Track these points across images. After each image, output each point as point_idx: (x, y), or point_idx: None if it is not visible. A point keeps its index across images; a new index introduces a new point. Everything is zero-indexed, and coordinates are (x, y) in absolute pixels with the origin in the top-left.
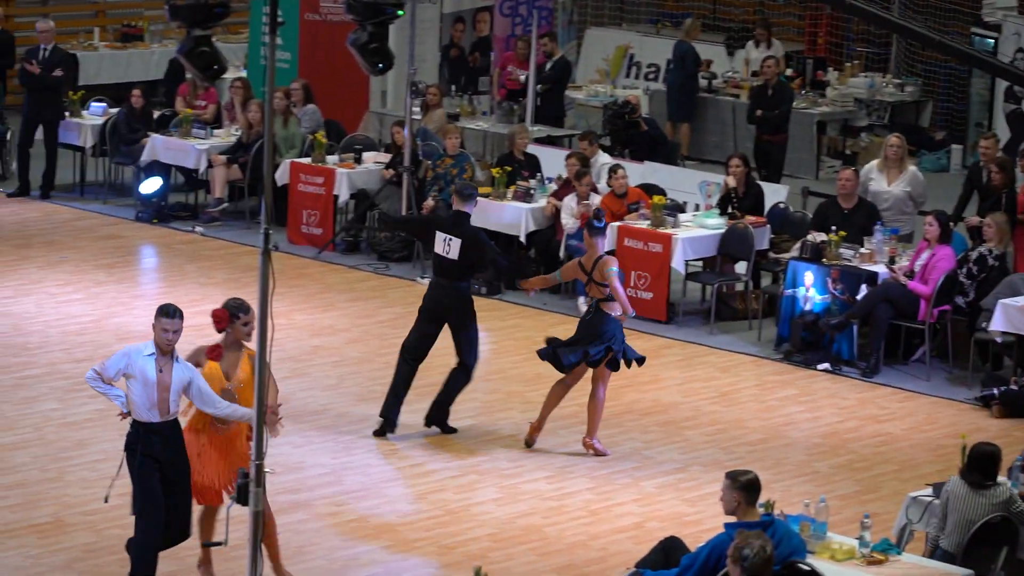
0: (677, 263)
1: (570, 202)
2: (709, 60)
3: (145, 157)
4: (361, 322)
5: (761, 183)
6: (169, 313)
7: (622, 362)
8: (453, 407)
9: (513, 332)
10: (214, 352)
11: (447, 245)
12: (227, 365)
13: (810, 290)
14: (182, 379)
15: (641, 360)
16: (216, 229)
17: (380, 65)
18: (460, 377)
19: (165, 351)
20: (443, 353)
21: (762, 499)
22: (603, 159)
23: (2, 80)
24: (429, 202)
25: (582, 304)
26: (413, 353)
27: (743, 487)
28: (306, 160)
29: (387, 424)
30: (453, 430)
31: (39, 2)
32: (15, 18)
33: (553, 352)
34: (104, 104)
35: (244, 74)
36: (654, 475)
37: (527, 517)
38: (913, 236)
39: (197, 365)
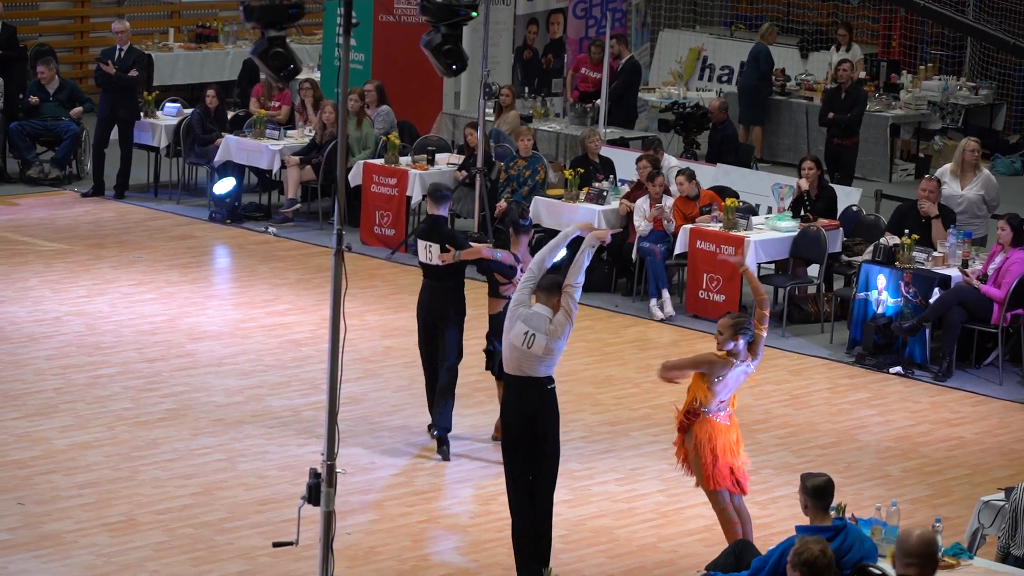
0: (749, 266)
1: (643, 204)
2: (781, 68)
3: (219, 158)
4: None
5: (834, 186)
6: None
7: None
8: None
9: (585, 334)
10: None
11: (428, 251)
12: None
13: (883, 293)
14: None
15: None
16: (289, 230)
17: (454, 66)
18: (443, 377)
19: None
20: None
21: (833, 502)
22: (671, 162)
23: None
24: (502, 204)
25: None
26: (426, 359)
27: (811, 491)
28: (379, 161)
29: (436, 431)
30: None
31: (115, 3)
32: (91, 18)
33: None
34: (178, 105)
35: (316, 76)
36: None
37: (597, 519)
38: (986, 240)
39: None
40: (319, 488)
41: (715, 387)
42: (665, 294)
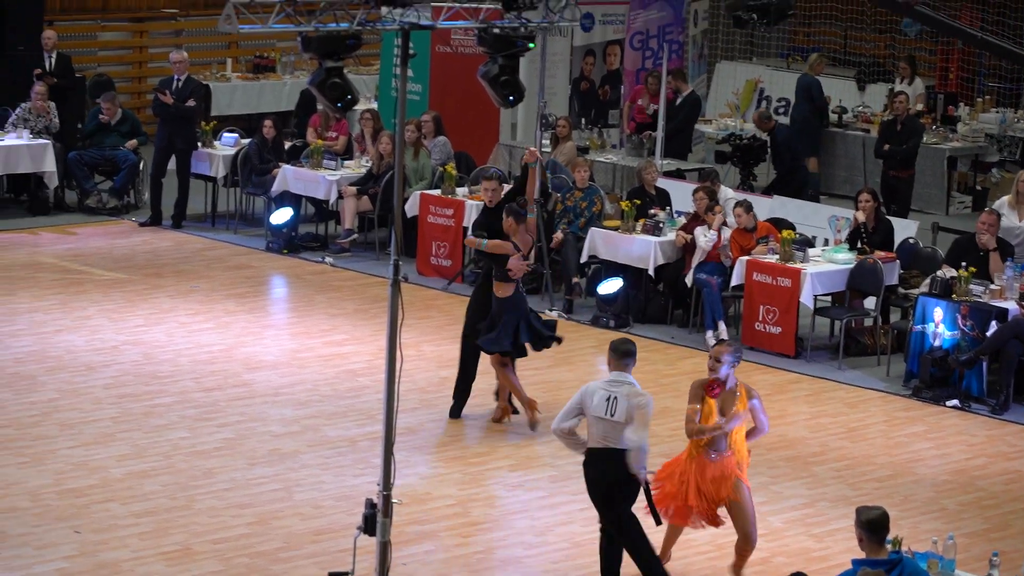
0: (806, 298)
1: (701, 234)
2: (830, 98)
3: (276, 188)
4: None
5: (891, 218)
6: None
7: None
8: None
9: (641, 365)
10: (712, 390)
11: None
12: (722, 402)
13: (940, 326)
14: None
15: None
16: (346, 260)
17: (511, 97)
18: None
19: None
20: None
21: (890, 536)
22: (728, 194)
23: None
24: (558, 235)
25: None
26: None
27: (866, 525)
28: (436, 192)
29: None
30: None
31: (173, 33)
32: (149, 48)
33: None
34: (236, 134)
35: (375, 106)
36: (781, 510)
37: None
38: None
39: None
40: (375, 518)
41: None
42: (721, 326)
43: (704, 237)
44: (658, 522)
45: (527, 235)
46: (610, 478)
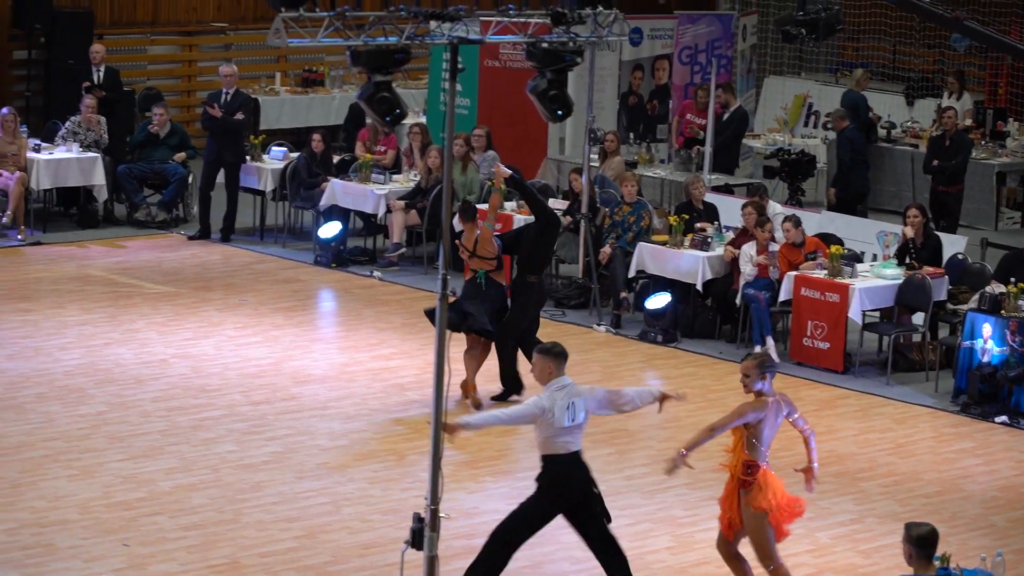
0: (854, 313)
1: (749, 250)
2: (878, 115)
3: (324, 201)
4: None
5: (939, 234)
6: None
7: None
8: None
9: (689, 380)
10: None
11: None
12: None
13: (988, 342)
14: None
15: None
16: (394, 274)
17: (559, 112)
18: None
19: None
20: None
21: (938, 552)
22: (776, 209)
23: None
24: (606, 249)
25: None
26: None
27: (915, 541)
28: (484, 206)
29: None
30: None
31: (222, 47)
32: (198, 62)
33: (463, 317)
34: (284, 148)
35: (423, 120)
36: (829, 526)
37: (701, 566)
38: None
39: None
40: (423, 532)
41: (763, 434)
42: (769, 341)
43: (748, 267)
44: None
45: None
46: (589, 480)
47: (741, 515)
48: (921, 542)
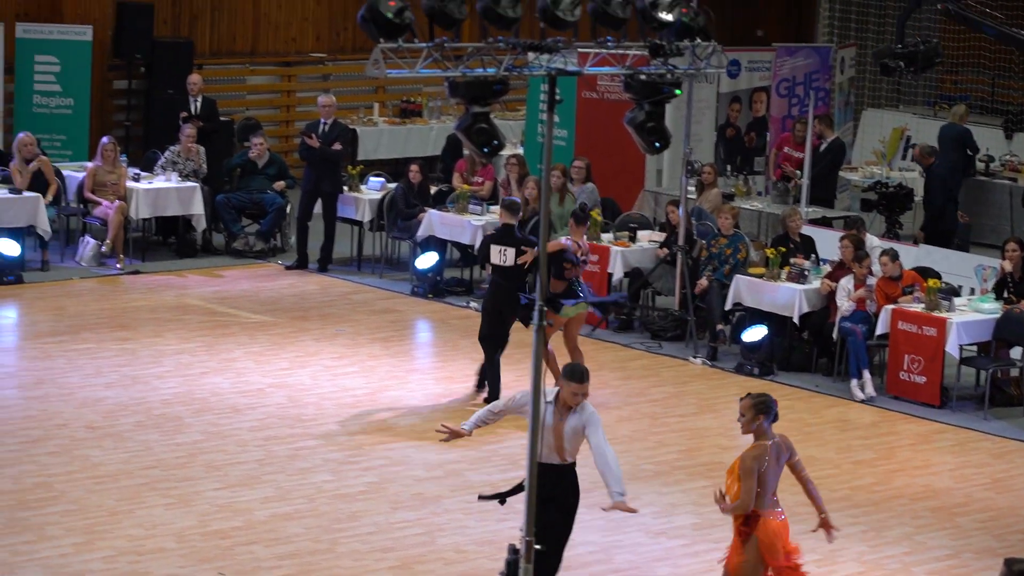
0: (951, 347)
1: (846, 283)
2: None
3: (422, 232)
4: (633, 400)
5: None
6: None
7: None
8: None
9: (785, 414)
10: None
11: (502, 255)
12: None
13: None
14: (575, 427)
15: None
16: None
17: (657, 144)
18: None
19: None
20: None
21: None
22: (873, 242)
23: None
24: (703, 282)
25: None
26: (488, 341)
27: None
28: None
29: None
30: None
31: (320, 77)
32: (296, 92)
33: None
34: (382, 179)
35: (521, 151)
36: (924, 561)
37: None
38: None
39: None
40: (518, 564)
41: (767, 481)
42: (866, 375)
43: (845, 302)
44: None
45: (583, 237)
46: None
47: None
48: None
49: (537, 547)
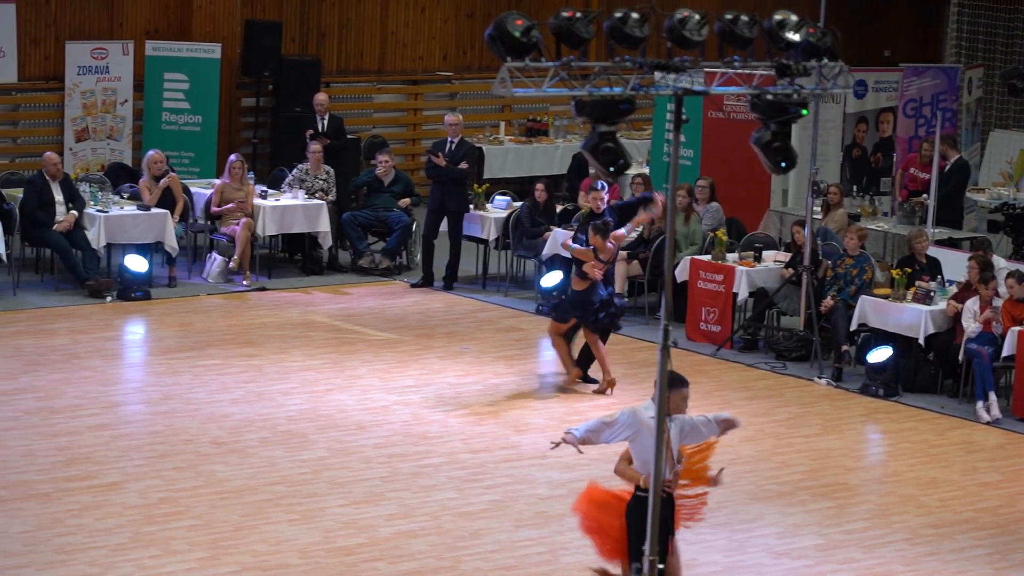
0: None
1: (972, 305)
2: None
3: (547, 251)
4: (757, 420)
5: None
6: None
7: None
8: None
9: (910, 435)
10: None
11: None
12: None
13: None
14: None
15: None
16: None
17: (783, 164)
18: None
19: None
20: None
21: None
22: (1000, 264)
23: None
24: (828, 302)
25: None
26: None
27: None
28: (706, 257)
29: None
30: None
31: (447, 95)
32: (423, 111)
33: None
34: (508, 198)
35: (646, 170)
36: None
37: None
38: None
39: None
40: None
41: None
42: (992, 397)
43: (971, 324)
44: None
45: (611, 245)
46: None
47: None
48: None
49: (660, 567)
